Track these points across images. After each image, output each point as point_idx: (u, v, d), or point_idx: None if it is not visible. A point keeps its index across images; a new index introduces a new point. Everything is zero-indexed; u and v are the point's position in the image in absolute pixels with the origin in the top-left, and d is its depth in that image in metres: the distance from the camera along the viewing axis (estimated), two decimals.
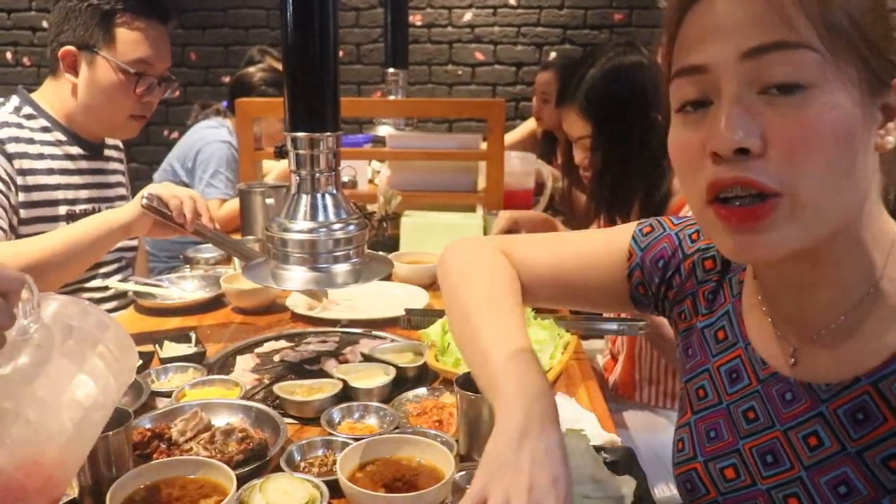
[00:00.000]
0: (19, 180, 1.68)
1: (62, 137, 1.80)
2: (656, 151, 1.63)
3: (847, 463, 0.76)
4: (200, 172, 2.92)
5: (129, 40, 1.73)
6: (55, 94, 1.80)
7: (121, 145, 2.06)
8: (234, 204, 2.63)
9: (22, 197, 1.68)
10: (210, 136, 2.99)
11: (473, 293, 0.94)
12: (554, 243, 1.05)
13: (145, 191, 1.57)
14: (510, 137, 3.99)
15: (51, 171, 1.75)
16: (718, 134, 0.69)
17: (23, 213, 1.69)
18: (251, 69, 3.16)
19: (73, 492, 0.98)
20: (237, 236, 2.23)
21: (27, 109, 1.78)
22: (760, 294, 0.87)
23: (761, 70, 0.68)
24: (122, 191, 1.98)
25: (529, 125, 3.68)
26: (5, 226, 1.59)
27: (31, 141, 1.74)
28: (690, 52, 0.73)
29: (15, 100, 1.80)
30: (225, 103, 3.19)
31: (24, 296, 0.82)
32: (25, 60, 5.21)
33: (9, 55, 5.21)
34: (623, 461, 1.09)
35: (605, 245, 1.01)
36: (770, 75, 0.68)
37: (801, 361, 0.82)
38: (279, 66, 3.74)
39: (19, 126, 1.74)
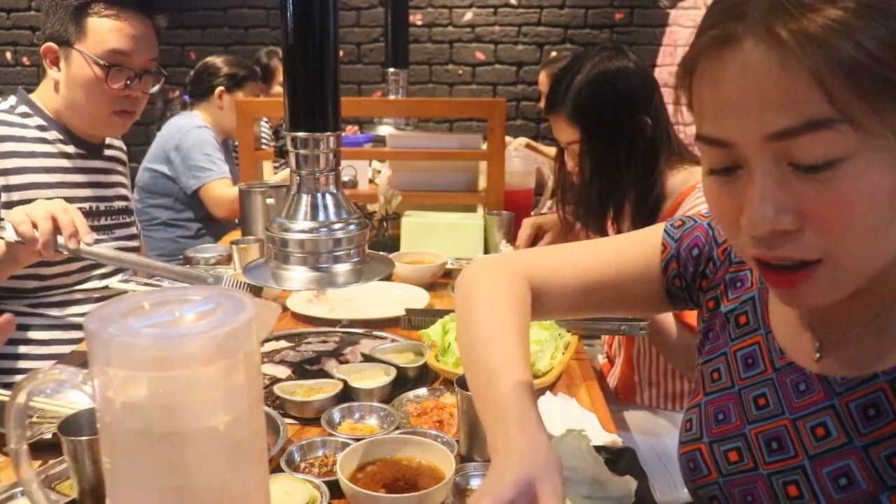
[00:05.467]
0: (1, 180, 1.65)
1: (59, 136, 1.79)
2: (646, 155, 1.62)
3: (851, 456, 0.77)
4: (189, 161, 2.89)
5: (100, 31, 1.70)
6: (46, 93, 1.79)
7: (123, 146, 2.05)
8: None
9: (3, 197, 1.65)
10: (184, 125, 2.98)
11: (482, 328, 0.92)
12: (580, 250, 1.03)
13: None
14: None
15: (45, 170, 1.74)
16: (752, 214, 0.68)
17: (4, 213, 1.62)
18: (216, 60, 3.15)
19: (74, 492, 0.98)
20: (239, 232, 2.23)
21: (23, 108, 1.77)
22: None
23: (790, 149, 0.65)
24: (122, 191, 1.97)
25: None
26: None
27: (22, 139, 1.72)
28: (708, 122, 0.70)
29: (12, 99, 1.79)
30: (187, 96, 3.18)
31: None
32: (25, 60, 5.22)
33: (8, 55, 5.22)
34: (624, 461, 1.08)
35: (637, 244, 1.02)
36: (799, 157, 0.65)
37: (825, 355, 0.82)
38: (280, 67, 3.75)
39: (10, 125, 1.73)
